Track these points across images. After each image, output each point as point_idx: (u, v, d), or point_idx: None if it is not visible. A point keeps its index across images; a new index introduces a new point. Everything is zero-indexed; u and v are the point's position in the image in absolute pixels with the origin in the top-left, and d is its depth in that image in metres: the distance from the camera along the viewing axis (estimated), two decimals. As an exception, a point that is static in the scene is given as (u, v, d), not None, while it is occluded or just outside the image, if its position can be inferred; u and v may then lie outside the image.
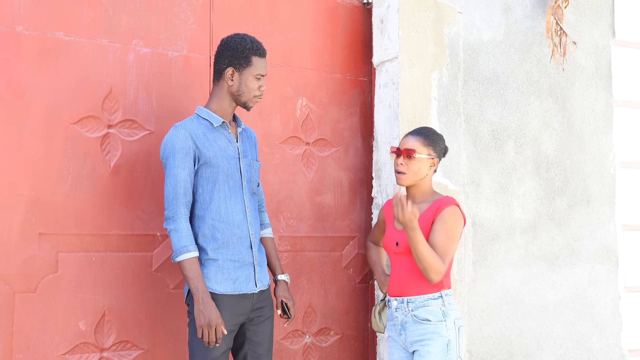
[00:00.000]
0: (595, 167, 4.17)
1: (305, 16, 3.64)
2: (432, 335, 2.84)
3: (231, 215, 2.84)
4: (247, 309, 2.86)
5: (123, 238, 3.11)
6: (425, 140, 2.96)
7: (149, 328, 3.14)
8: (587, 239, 4.10)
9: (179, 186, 2.78)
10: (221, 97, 2.91)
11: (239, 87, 2.88)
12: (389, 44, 3.63)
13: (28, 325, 2.91)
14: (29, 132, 2.96)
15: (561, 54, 3.93)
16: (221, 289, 2.80)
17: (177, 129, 2.82)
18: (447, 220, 2.86)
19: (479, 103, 3.80)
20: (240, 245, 2.86)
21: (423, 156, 2.94)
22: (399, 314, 2.93)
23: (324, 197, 3.63)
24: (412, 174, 2.94)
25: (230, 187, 2.87)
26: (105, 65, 3.12)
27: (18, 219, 2.92)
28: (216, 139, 2.87)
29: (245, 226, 2.88)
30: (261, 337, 2.92)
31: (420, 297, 2.88)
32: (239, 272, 2.85)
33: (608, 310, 4.13)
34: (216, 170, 2.83)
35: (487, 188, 3.79)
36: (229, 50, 2.88)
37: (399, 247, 2.92)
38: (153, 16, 3.24)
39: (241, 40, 2.88)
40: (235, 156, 2.91)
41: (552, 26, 3.92)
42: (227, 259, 2.82)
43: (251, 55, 2.88)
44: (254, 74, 2.89)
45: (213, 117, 2.89)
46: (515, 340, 3.83)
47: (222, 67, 2.89)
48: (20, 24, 2.97)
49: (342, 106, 3.72)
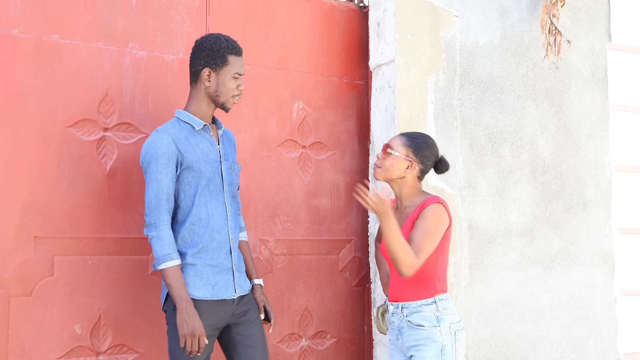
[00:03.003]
0: (591, 170, 4.17)
1: (301, 19, 3.64)
2: (426, 340, 2.83)
3: (212, 219, 2.80)
4: (227, 314, 2.82)
5: (119, 241, 3.10)
6: (407, 142, 2.93)
7: (145, 331, 3.13)
8: (583, 242, 4.10)
9: (162, 192, 2.73)
10: (199, 99, 2.86)
11: (217, 87, 2.84)
12: (386, 48, 3.63)
13: (23, 329, 2.90)
14: (24, 135, 2.95)
15: (555, 53, 3.92)
16: (200, 294, 2.75)
17: (159, 133, 2.77)
18: (427, 216, 2.82)
19: (475, 106, 3.81)
20: (220, 250, 2.81)
21: (397, 154, 2.91)
22: (395, 319, 2.92)
23: (320, 200, 3.63)
24: (385, 169, 2.92)
25: (211, 191, 2.82)
26: (101, 68, 3.12)
27: (13, 222, 2.91)
28: (198, 143, 2.83)
29: (225, 231, 2.83)
30: (253, 339, 2.88)
31: (414, 302, 2.87)
32: (218, 278, 2.80)
33: (604, 313, 4.13)
34: (198, 175, 2.79)
35: (484, 191, 3.80)
36: (204, 50, 2.83)
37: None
38: (149, 19, 3.24)
39: (216, 39, 2.84)
40: (217, 159, 2.87)
41: (547, 24, 3.91)
42: (205, 264, 2.78)
43: (227, 54, 2.83)
44: (231, 73, 2.84)
45: (194, 120, 2.84)
46: (512, 343, 3.82)
47: (198, 68, 2.84)
48: (16, 27, 2.96)
49: (339, 109, 3.72)
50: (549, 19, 3.90)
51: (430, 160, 2.96)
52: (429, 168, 2.98)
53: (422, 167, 2.94)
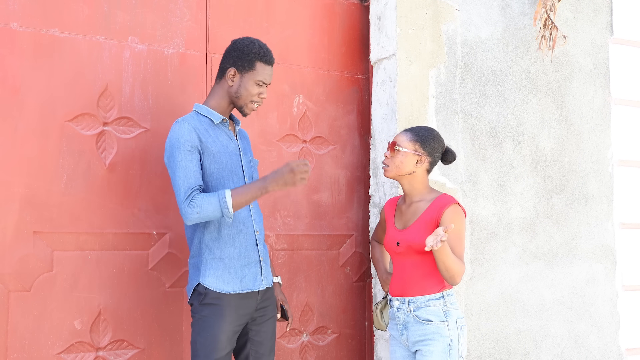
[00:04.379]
0: (593, 165, 4.16)
1: (302, 13, 3.62)
2: (434, 335, 2.84)
3: (236, 212, 2.81)
4: (252, 309, 2.84)
5: (119, 236, 3.09)
6: (414, 137, 2.96)
7: (144, 327, 3.12)
8: (585, 237, 4.09)
9: (190, 177, 2.71)
10: (221, 96, 2.89)
11: (238, 89, 2.86)
12: (387, 42, 3.61)
13: (23, 325, 2.89)
14: (23, 129, 2.93)
15: (549, 47, 3.90)
16: (229, 288, 2.77)
17: (180, 123, 2.78)
18: (453, 221, 2.86)
19: (477, 101, 3.79)
20: (246, 242, 2.83)
21: (406, 150, 2.94)
22: (401, 314, 2.92)
23: (321, 195, 3.61)
24: (395, 167, 2.95)
25: (235, 183, 2.84)
26: (100, 62, 3.10)
27: (13, 217, 2.90)
28: (218, 136, 2.85)
29: (250, 223, 2.85)
30: (263, 336, 2.90)
31: (421, 297, 2.87)
32: (246, 270, 2.82)
33: (606, 308, 4.12)
34: (221, 167, 2.80)
35: (485, 186, 3.78)
36: (236, 50, 2.86)
37: (399, 247, 2.91)
38: (149, 13, 3.22)
39: (249, 43, 2.87)
40: (237, 153, 2.89)
41: (542, 17, 3.89)
42: (233, 257, 2.79)
43: (256, 60, 2.85)
44: (255, 79, 2.86)
45: (213, 114, 2.86)
46: (513, 338, 3.81)
47: (225, 66, 2.87)
48: (14, 21, 2.95)
49: (339, 104, 3.71)
50: (546, 13, 3.88)
51: (438, 152, 3.00)
52: (437, 160, 3.02)
53: (430, 159, 2.98)
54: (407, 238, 2.89)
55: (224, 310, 2.74)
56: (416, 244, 2.86)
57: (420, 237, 2.85)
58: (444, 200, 2.91)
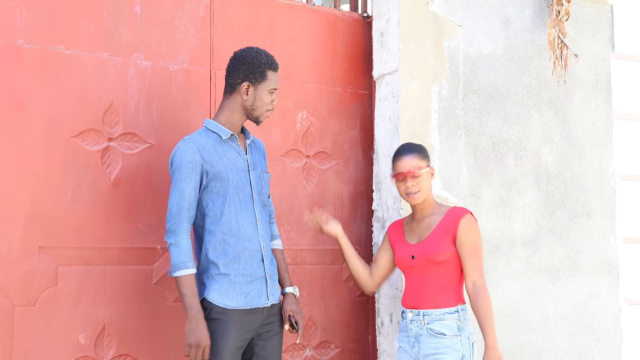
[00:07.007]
0: (595, 179, 4.16)
1: (305, 30, 3.65)
2: (447, 349, 2.84)
3: (242, 228, 2.82)
4: (257, 325, 2.84)
5: (123, 251, 3.11)
6: (419, 154, 3.03)
7: (149, 341, 3.13)
8: (587, 251, 4.09)
9: (184, 200, 2.76)
10: (232, 111, 2.90)
11: (254, 101, 2.88)
12: (389, 57, 3.64)
13: (28, 339, 2.90)
14: (29, 145, 2.96)
15: (562, 66, 3.94)
16: (233, 303, 2.78)
17: (185, 142, 2.81)
18: (470, 233, 2.94)
19: (479, 116, 3.81)
20: (252, 259, 2.84)
21: (426, 169, 3.01)
22: (414, 326, 2.92)
23: (324, 209, 3.62)
24: (424, 190, 3.00)
25: (241, 200, 2.85)
26: (105, 78, 3.13)
27: (18, 232, 2.91)
28: (225, 152, 2.86)
29: (256, 239, 2.86)
30: (269, 352, 2.90)
31: (437, 310, 2.89)
32: (251, 287, 2.82)
33: (609, 323, 4.12)
34: (226, 184, 2.82)
35: (488, 201, 3.79)
36: (245, 64, 2.87)
37: (415, 260, 2.94)
38: (154, 30, 3.25)
39: (256, 54, 2.88)
40: (245, 169, 2.90)
41: (555, 39, 3.92)
42: (238, 274, 2.80)
43: (266, 69, 2.88)
44: (268, 88, 2.89)
45: (222, 130, 2.87)
46: (517, 353, 3.81)
47: (236, 81, 2.88)
48: (21, 38, 2.98)
49: (343, 119, 3.73)
50: (557, 35, 3.92)
51: None
52: None
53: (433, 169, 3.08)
54: (424, 250, 2.92)
55: (228, 325, 2.75)
56: (434, 255, 2.90)
57: (438, 247, 2.90)
58: (457, 211, 2.98)
